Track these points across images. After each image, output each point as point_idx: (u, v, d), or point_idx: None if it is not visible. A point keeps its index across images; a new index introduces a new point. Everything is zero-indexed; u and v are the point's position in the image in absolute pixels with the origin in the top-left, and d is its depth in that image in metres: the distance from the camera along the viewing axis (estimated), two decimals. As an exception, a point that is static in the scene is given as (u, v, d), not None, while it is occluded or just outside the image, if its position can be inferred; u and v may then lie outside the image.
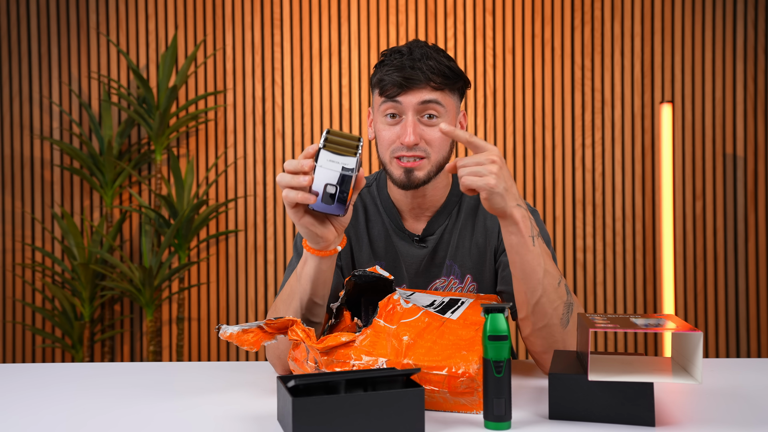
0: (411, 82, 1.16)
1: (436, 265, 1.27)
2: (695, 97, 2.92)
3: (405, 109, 1.17)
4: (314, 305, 1.08)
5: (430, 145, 1.19)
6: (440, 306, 1.08)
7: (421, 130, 1.18)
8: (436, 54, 1.19)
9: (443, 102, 1.18)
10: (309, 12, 2.96)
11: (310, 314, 1.09)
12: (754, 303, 2.90)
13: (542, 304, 1.07)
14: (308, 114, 2.96)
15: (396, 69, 1.17)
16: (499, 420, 0.85)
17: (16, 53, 2.98)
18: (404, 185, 1.20)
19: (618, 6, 2.92)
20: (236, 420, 0.91)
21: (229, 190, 2.97)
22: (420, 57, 1.17)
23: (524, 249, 1.05)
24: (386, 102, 1.19)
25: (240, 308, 2.97)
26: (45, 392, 1.07)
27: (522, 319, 1.11)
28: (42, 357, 2.98)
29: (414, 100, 1.17)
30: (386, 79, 1.18)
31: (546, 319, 1.08)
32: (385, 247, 1.28)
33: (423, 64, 1.16)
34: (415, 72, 1.16)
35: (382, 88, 1.19)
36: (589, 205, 2.93)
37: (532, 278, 1.06)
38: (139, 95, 2.90)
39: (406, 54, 1.18)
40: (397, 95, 1.17)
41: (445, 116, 1.20)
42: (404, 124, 1.17)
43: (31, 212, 2.97)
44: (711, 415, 0.91)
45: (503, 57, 2.94)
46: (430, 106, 1.17)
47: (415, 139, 1.16)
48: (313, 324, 1.10)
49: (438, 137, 1.19)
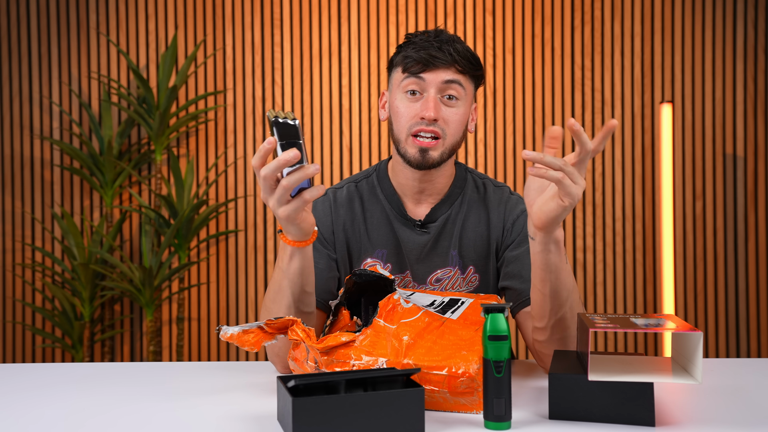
0: (437, 60, 1.18)
1: (438, 253, 1.27)
2: (695, 97, 2.92)
3: (427, 86, 1.19)
4: (305, 295, 1.09)
5: (447, 125, 1.20)
6: (440, 306, 1.08)
7: (441, 108, 1.20)
8: (461, 41, 1.23)
9: (465, 85, 1.21)
10: (309, 12, 2.96)
11: (302, 305, 1.09)
12: (754, 303, 2.90)
13: (566, 319, 1.07)
14: (308, 114, 2.96)
15: (423, 48, 1.19)
16: (499, 420, 0.85)
17: (16, 53, 2.98)
18: (418, 164, 1.21)
19: (618, 6, 2.92)
20: (236, 420, 0.91)
21: (229, 190, 2.97)
22: (447, 40, 1.20)
23: (560, 268, 1.04)
24: (409, 78, 1.20)
25: (240, 308, 2.97)
26: (45, 392, 1.07)
27: (541, 328, 1.10)
28: (42, 357, 2.98)
29: (437, 79, 1.19)
30: (413, 56, 1.20)
31: (566, 332, 1.08)
32: (387, 234, 1.28)
33: (450, 47, 1.19)
34: (442, 52, 1.18)
35: (405, 65, 1.21)
36: (589, 205, 2.93)
37: (561, 296, 1.06)
38: (139, 95, 2.90)
39: (433, 36, 1.21)
40: (421, 71, 1.19)
41: (464, 100, 1.21)
42: (426, 100, 1.19)
43: (31, 212, 2.97)
44: (711, 415, 0.91)
45: (503, 57, 2.94)
46: (452, 87, 1.19)
47: (436, 114, 1.17)
48: (305, 314, 1.10)
49: (456, 119, 1.21)
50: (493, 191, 1.31)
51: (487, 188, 1.32)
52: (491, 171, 2.94)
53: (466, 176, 1.32)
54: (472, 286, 1.28)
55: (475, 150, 2.94)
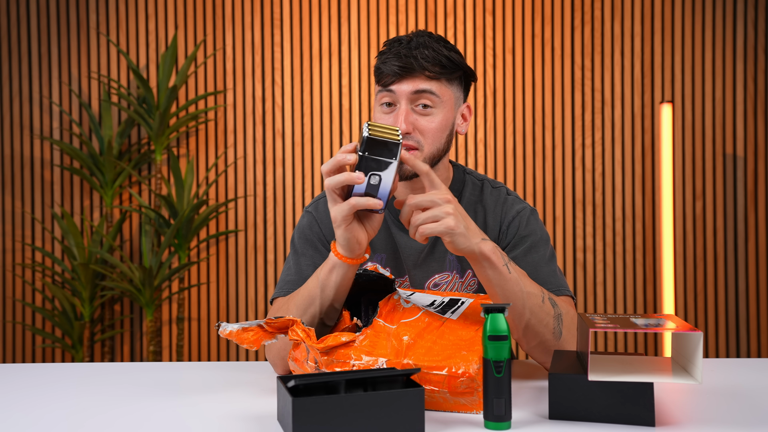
0: (405, 71, 1.15)
1: (436, 258, 1.26)
2: (695, 97, 2.92)
3: (399, 97, 1.16)
4: (332, 310, 1.08)
5: (424, 135, 1.17)
6: (440, 306, 1.07)
7: (414, 119, 1.16)
8: (436, 44, 1.18)
9: (439, 92, 1.17)
10: (309, 12, 2.96)
11: (327, 318, 1.09)
12: (754, 303, 2.90)
13: (532, 326, 1.07)
14: (308, 114, 2.96)
15: (393, 57, 1.16)
16: (499, 420, 0.85)
17: (16, 53, 2.99)
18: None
19: (618, 6, 2.92)
20: (236, 420, 0.91)
21: (229, 190, 2.97)
22: (417, 46, 1.16)
23: (502, 280, 1.04)
24: (382, 91, 1.18)
25: (240, 308, 2.97)
26: (45, 392, 1.07)
27: (517, 339, 1.12)
28: (42, 357, 2.98)
29: (407, 89, 1.15)
30: (382, 68, 1.17)
31: (539, 337, 1.09)
32: (385, 238, 1.27)
33: (419, 53, 1.15)
34: (410, 60, 1.14)
35: (378, 76, 1.19)
36: (589, 205, 2.93)
37: (516, 305, 1.06)
38: (139, 95, 2.90)
39: (405, 43, 1.17)
40: (391, 84, 1.16)
41: (441, 107, 1.18)
42: (397, 113, 1.16)
43: (31, 212, 2.97)
44: (711, 415, 0.91)
45: (503, 57, 2.94)
46: (424, 96, 1.16)
47: (407, 127, 1.14)
48: (326, 327, 1.10)
49: (432, 128, 1.17)
50: (491, 192, 1.29)
51: (485, 189, 1.30)
52: (491, 171, 2.94)
53: (464, 178, 1.31)
54: (470, 290, 1.27)
55: (475, 150, 2.94)
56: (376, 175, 0.96)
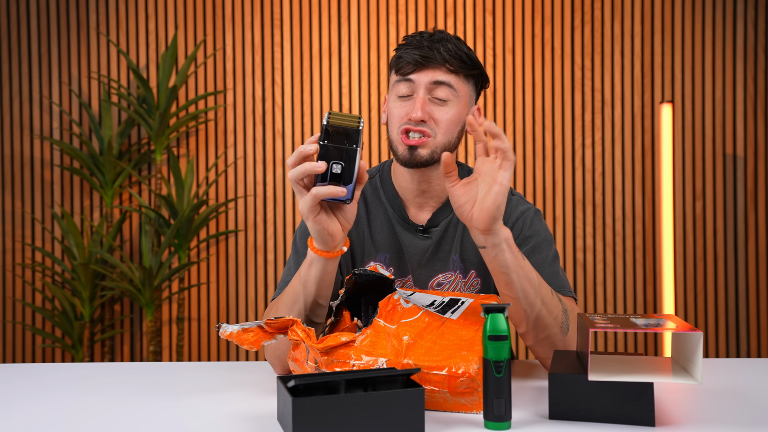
0: (427, 60, 1.17)
1: (439, 258, 1.26)
2: (695, 97, 2.92)
3: (417, 86, 1.18)
4: (318, 306, 1.08)
5: (438, 125, 1.18)
6: (440, 306, 1.07)
7: (430, 109, 1.18)
8: (457, 41, 1.21)
9: (456, 87, 1.19)
10: (309, 12, 2.96)
11: (313, 315, 1.09)
12: (754, 303, 2.90)
13: (543, 317, 1.07)
14: (308, 114, 2.96)
15: (414, 48, 1.18)
16: (499, 420, 0.85)
17: (16, 53, 2.99)
18: (407, 162, 1.19)
19: (618, 6, 2.92)
20: (236, 420, 0.91)
21: (229, 190, 2.97)
22: (439, 39, 1.19)
23: (520, 265, 1.04)
24: (400, 80, 1.20)
25: (240, 308, 2.97)
26: (45, 392, 1.07)
27: (523, 333, 1.10)
28: (42, 357, 2.98)
29: (426, 79, 1.18)
30: (404, 56, 1.19)
31: (548, 330, 1.08)
32: (389, 238, 1.27)
33: (441, 46, 1.18)
34: (432, 52, 1.17)
35: (398, 66, 1.20)
36: (589, 205, 2.93)
37: (530, 294, 1.05)
38: (139, 95, 2.90)
39: (427, 36, 1.20)
40: (411, 72, 1.18)
41: (457, 102, 1.19)
42: (414, 101, 1.18)
43: (31, 212, 2.97)
44: (711, 415, 0.91)
45: (503, 57, 2.94)
46: (440, 88, 1.18)
47: (423, 115, 1.16)
48: (315, 324, 1.10)
49: (447, 119, 1.19)
50: None
51: None
52: (491, 171, 2.94)
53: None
54: (473, 290, 1.27)
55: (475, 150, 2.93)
56: (338, 164, 0.95)
